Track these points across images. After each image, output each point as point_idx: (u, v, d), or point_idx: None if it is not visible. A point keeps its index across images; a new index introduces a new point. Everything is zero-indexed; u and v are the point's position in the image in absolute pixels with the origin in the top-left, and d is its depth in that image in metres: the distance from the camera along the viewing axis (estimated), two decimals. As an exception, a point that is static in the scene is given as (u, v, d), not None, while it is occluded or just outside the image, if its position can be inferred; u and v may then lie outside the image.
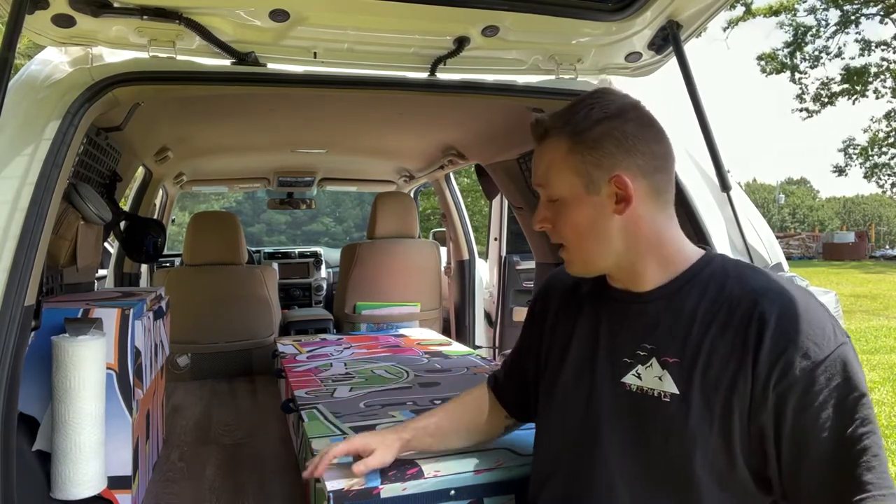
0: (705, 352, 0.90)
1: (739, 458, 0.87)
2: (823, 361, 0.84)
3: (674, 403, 0.91)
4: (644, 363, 0.95)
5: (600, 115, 0.96)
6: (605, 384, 1.00)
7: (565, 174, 0.97)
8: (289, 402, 1.81)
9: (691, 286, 0.96)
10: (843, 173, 24.64)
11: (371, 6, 1.29)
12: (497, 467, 1.20)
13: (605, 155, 0.95)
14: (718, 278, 0.95)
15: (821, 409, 0.83)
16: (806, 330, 0.86)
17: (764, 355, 0.86)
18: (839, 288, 12.18)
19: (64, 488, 1.26)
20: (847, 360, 0.85)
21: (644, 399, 0.94)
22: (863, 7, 19.39)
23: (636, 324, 0.99)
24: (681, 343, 0.93)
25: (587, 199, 0.96)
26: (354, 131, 2.84)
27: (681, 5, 1.37)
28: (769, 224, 1.61)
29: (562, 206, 0.98)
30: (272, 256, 4.60)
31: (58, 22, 1.24)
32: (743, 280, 0.93)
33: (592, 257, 0.99)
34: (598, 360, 1.01)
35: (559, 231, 1.00)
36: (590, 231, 0.97)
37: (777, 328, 0.86)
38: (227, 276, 3.00)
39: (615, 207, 0.96)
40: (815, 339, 0.85)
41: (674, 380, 0.92)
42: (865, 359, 6.28)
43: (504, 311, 3.47)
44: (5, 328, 1.06)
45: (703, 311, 0.93)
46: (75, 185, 1.68)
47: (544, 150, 1.01)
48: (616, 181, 0.95)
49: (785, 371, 0.85)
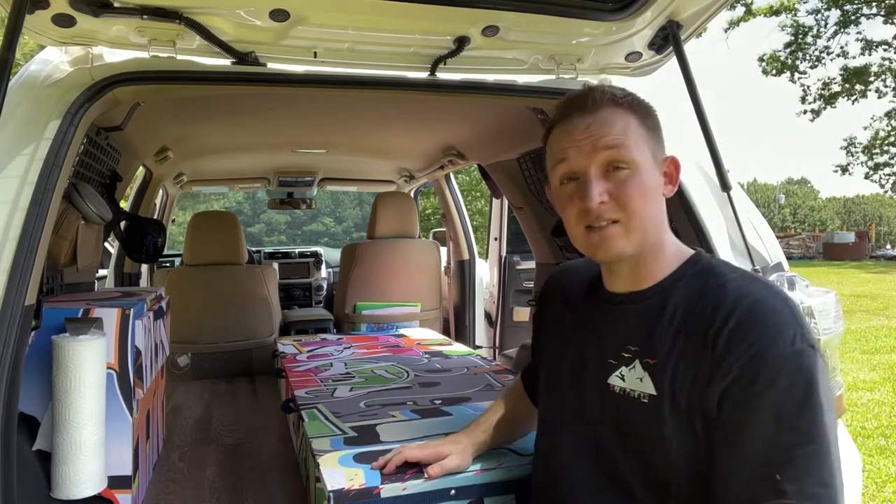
0: (676, 353, 0.91)
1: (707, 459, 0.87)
2: (770, 362, 0.83)
3: (650, 404, 0.91)
4: (628, 365, 0.96)
5: (648, 103, 1.01)
6: (593, 385, 1.00)
7: (641, 141, 0.97)
8: (289, 402, 1.81)
9: (678, 286, 0.96)
10: (847, 172, 24.60)
11: (371, 6, 1.29)
12: (497, 467, 1.20)
13: (661, 139, 1.01)
14: (700, 279, 0.95)
15: (758, 409, 0.82)
16: (762, 331, 0.85)
17: (718, 353, 0.86)
18: (839, 288, 12.18)
19: (64, 488, 1.26)
20: (801, 367, 0.82)
21: (626, 400, 0.95)
22: (863, 7, 19.38)
23: (624, 325, 0.99)
24: (659, 344, 0.93)
25: (654, 171, 0.98)
26: (354, 131, 2.84)
27: (681, 5, 1.37)
28: (770, 224, 1.61)
29: (633, 173, 0.95)
30: (272, 256, 4.60)
31: (58, 22, 1.24)
32: (720, 281, 0.93)
33: (652, 228, 0.96)
34: (588, 362, 1.02)
35: (624, 201, 0.94)
36: (654, 200, 0.97)
37: (735, 328, 0.86)
38: (228, 276, 3.00)
39: (665, 189, 1.00)
40: (769, 341, 0.84)
41: (652, 381, 0.92)
42: (865, 359, 6.28)
43: (504, 311, 3.47)
44: (5, 328, 1.06)
45: (682, 311, 0.93)
46: (75, 185, 1.68)
47: (612, 115, 0.97)
48: (671, 161, 1.01)
49: (731, 365, 0.84)
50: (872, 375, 5.60)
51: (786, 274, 1.44)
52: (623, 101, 0.98)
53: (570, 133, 0.97)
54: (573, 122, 0.98)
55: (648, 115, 1.00)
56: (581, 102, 0.98)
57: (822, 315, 1.37)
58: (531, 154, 2.46)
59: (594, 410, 1.00)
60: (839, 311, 1.43)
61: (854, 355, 6.45)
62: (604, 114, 0.96)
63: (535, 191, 2.57)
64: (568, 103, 1.00)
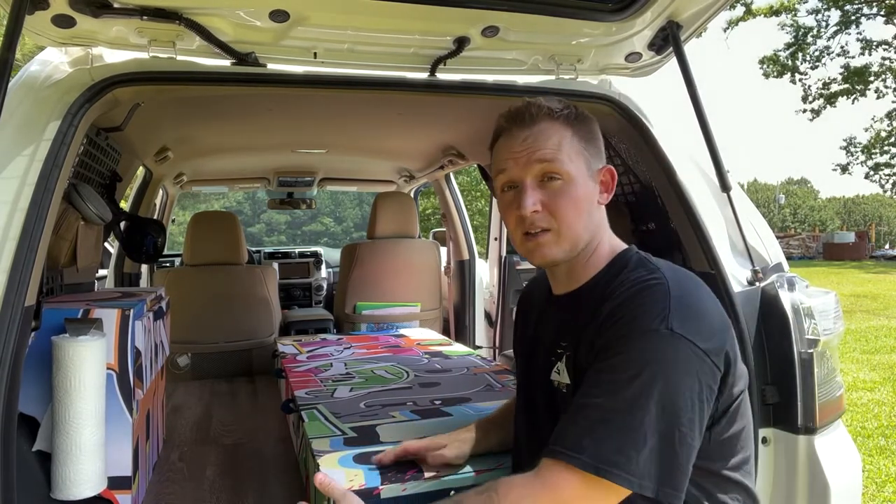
0: (583, 343, 0.97)
1: None
2: (622, 337, 0.89)
3: (567, 393, 0.99)
4: (560, 359, 1.03)
5: (586, 114, 1.06)
6: (540, 384, 1.08)
7: (574, 154, 1.02)
8: (289, 402, 1.81)
9: (600, 283, 1.02)
10: (847, 171, 24.59)
11: (371, 6, 1.29)
12: (497, 468, 1.20)
13: (598, 149, 1.07)
14: (615, 274, 1.01)
15: (598, 370, 0.89)
16: (623, 316, 0.91)
17: (598, 332, 0.93)
18: (839, 288, 12.18)
19: (64, 488, 1.26)
20: (646, 347, 0.87)
21: (558, 393, 1.03)
22: (863, 7, 19.38)
23: (558, 324, 1.07)
24: (575, 338, 1.00)
25: (588, 181, 1.03)
26: (354, 131, 2.84)
27: (681, 6, 1.37)
28: (770, 224, 1.61)
29: (566, 184, 1.01)
30: (272, 256, 4.60)
31: (58, 22, 1.24)
32: (632, 272, 0.99)
33: (581, 238, 1.03)
34: (540, 362, 1.09)
35: (555, 211, 1.00)
36: (586, 211, 1.03)
37: (612, 310, 0.93)
38: (227, 276, 3.00)
39: (600, 197, 1.06)
40: (626, 321, 0.90)
41: (567, 372, 1.00)
42: (865, 359, 6.28)
43: (504, 311, 3.47)
44: (5, 328, 1.06)
45: (594, 305, 0.98)
46: (75, 185, 1.68)
47: (549, 129, 1.02)
48: (607, 171, 1.06)
49: (602, 339, 0.92)
50: (872, 375, 5.60)
51: (786, 274, 1.44)
52: (559, 114, 1.03)
53: (510, 145, 1.04)
54: (513, 135, 1.05)
55: (585, 126, 1.05)
56: (520, 117, 1.04)
57: (822, 315, 1.37)
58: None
59: (539, 409, 1.08)
60: (839, 311, 1.43)
61: (854, 355, 6.45)
62: (540, 128, 1.03)
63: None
64: (508, 117, 1.07)
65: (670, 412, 0.85)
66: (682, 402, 0.86)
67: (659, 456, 0.84)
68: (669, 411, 0.85)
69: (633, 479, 0.82)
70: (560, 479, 0.84)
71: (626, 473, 0.82)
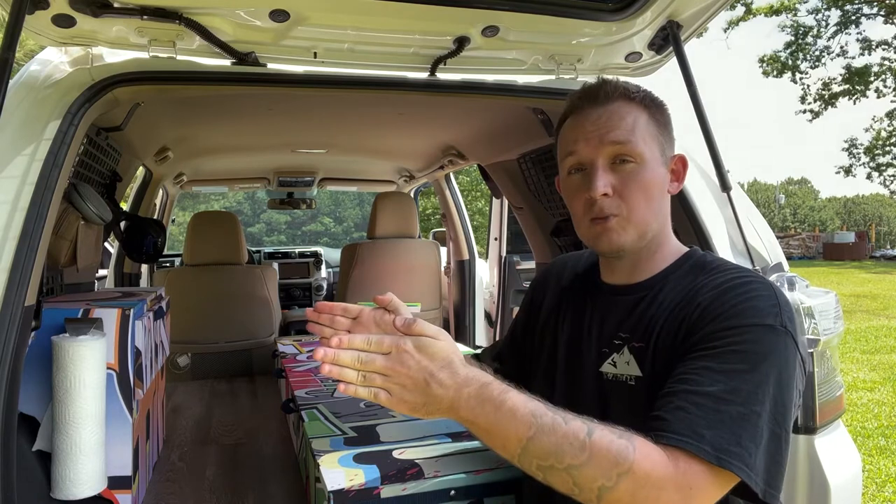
0: (660, 338, 0.92)
1: None
2: (735, 328, 0.84)
3: (636, 386, 0.93)
4: (619, 351, 0.98)
5: (661, 100, 1.01)
6: (587, 374, 1.02)
7: (649, 137, 0.97)
8: (289, 402, 1.81)
9: (671, 279, 0.98)
10: (850, 173, 24.59)
11: (371, 6, 1.29)
12: (497, 467, 1.20)
13: (672, 136, 1.02)
14: (693, 274, 0.97)
15: (705, 361, 0.83)
16: (734, 303, 0.86)
17: (690, 328, 0.88)
18: (839, 288, 12.18)
19: (64, 488, 1.26)
20: (762, 340, 0.82)
21: (615, 385, 0.97)
22: (863, 6, 19.38)
23: (617, 315, 1.01)
24: (646, 330, 0.95)
25: (660, 167, 0.99)
26: (354, 131, 2.84)
27: (681, 5, 1.37)
28: (770, 224, 1.61)
29: (638, 167, 0.96)
30: (272, 256, 4.60)
31: (58, 22, 1.24)
32: (713, 274, 0.95)
33: (650, 227, 0.97)
34: (583, 352, 1.03)
35: (626, 195, 0.95)
36: (657, 198, 0.98)
37: (708, 304, 0.88)
38: (227, 276, 3.00)
39: (670, 186, 1.01)
40: (736, 312, 0.85)
41: (637, 364, 0.94)
42: (865, 359, 6.28)
43: (504, 311, 3.47)
44: (5, 328, 1.06)
45: (670, 302, 0.95)
46: (75, 185, 1.68)
47: (623, 109, 0.97)
48: (679, 160, 1.01)
49: (701, 331, 0.87)
50: (872, 375, 5.60)
51: (786, 274, 1.44)
52: (635, 95, 0.98)
53: (581, 124, 0.99)
54: (584, 114, 0.99)
55: (660, 111, 1.00)
56: (593, 94, 0.99)
57: (822, 315, 1.37)
58: (531, 154, 2.46)
59: (586, 399, 1.00)
60: (839, 311, 1.43)
61: (854, 355, 6.45)
62: (615, 107, 0.97)
63: (536, 191, 2.57)
64: (581, 95, 1.01)
65: (780, 412, 0.80)
66: (790, 403, 0.82)
67: (769, 454, 0.79)
68: (780, 411, 0.80)
69: (751, 472, 0.77)
70: (686, 465, 0.77)
71: (746, 466, 0.76)
